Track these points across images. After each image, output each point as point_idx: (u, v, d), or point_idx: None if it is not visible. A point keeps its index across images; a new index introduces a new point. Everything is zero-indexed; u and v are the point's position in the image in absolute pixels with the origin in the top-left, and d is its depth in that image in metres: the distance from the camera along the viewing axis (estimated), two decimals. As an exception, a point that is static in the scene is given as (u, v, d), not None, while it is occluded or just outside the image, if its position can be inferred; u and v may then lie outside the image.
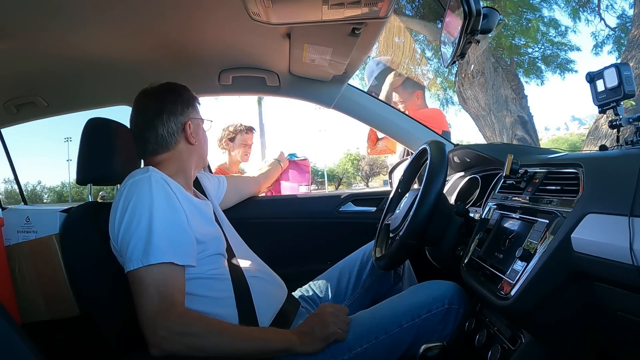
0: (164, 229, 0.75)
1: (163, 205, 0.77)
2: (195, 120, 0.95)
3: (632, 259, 0.48)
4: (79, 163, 0.96)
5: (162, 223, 0.75)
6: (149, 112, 0.91)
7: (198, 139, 0.95)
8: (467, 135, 36.88)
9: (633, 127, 0.76)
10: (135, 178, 0.80)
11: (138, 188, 0.78)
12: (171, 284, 0.73)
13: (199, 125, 0.97)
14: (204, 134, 0.99)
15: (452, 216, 0.97)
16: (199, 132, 0.96)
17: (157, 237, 0.73)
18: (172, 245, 0.75)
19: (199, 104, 0.99)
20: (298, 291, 1.10)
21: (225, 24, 1.05)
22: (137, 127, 0.92)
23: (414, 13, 5.47)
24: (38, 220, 0.97)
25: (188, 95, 0.96)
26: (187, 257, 0.77)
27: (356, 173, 29.80)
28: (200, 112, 0.99)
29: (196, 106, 0.97)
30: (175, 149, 0.91)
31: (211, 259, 0.85)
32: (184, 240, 0.78)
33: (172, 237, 0.75)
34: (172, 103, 0.92)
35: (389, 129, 1.58)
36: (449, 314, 0.87)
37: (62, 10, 0.90)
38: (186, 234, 0.79)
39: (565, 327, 0.62)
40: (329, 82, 1.42)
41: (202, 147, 0.98)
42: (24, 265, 0.98)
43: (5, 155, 1.48)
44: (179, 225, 0.78)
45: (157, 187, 0.78)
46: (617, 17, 6.08)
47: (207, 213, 0.92)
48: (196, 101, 0.98)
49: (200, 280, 0.82)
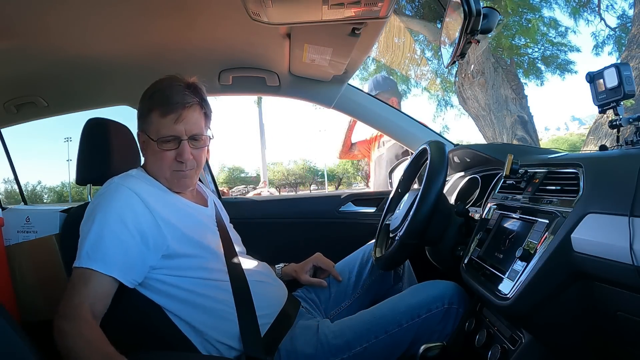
0: (102, 238, 0.75)
1: (112, 217, 0.76)
2: (143, 133, 0.85)
3: (632, 259, 0.48)
4: (79, 163, 0.96)
5: (102, 233, 0.75)
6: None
7: (145, 154, 0.87)
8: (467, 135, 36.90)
9: (633, 127, 0.76)
10: (106, 187, 0.81)
11: (102, 196, 0.79)
12: (93, 291, 0.72)
13: (147, 140, 0.84)
14: (152, 152, 0.84)
15: (452, 216, 0.97)
16: (147, 148, 0.85)
17: (90, 244, 0.74)
18: (104, 255, 0.74)
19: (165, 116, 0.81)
20: (299, 291, 1.10)
21: (225, 24, 1.05)
22: None
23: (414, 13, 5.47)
24: (38, 220, 0.97)
25: (145, 102, 0.84)
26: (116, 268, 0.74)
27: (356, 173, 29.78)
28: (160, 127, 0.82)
29: (153, 117, 0.82)
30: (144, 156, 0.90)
31: (206, 264, 0.84)
32: (120, 253, 0.75)
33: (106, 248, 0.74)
34: (138, 109, 0.88)
35: (389, 129, 1.58)
36: (448, 313, 0.87)
37: (62, 10, 0.90)
38: (127, 247, 0.76)
39: (565, 327, 0.62)
40: (329, 82, 1.42)
41: (151, 164, 0.86)
42: (24, 265, 0.98)
43: (5, 155, 1.48)
44: (120, 238, 0.75)
45: (116, 199, 0.78)
46: (617, 17, 6.09)
47: (199, 218, 0.90)
48: (155, 111, 0.82)
49: (197, 286, 0.82)
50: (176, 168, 0.84)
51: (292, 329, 0.88)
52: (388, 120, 1.55)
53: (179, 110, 0.82)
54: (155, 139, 0.82)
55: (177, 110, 0.81)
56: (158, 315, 0.80)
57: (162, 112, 0.82)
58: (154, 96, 0.83)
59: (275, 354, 0.83)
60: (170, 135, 0.82)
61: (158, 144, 0.82)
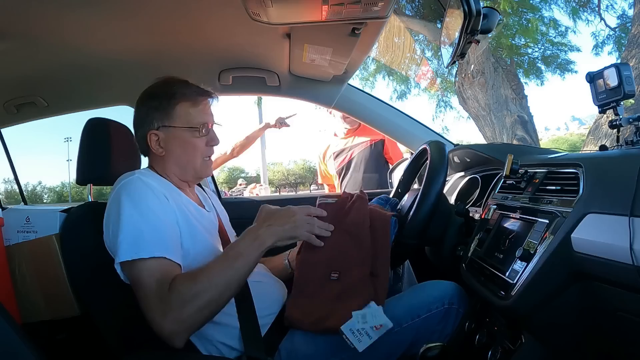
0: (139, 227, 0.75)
1: (146, 202, 0.78)
2: (167, 128, 0.86)
3: (632, 259, 0.48)
4: (79, 163, 0.96)
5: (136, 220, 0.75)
6: (134, 115, 0.92)
7: (171, 147, 0.87)
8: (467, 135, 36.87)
9: (633, 127, 0.76)
10: (122, 182, 0.81)
11: (123, 189, 0.79)
12: (162, 271, 0.73)
13: (177, 132, 0.87)
14: (183, 143, 0.87)
15: (452, 216, 0.97)
16: (175, 140, 0.87)
17: (129, 235, 0.74)
18: (160, 240, 0.75)
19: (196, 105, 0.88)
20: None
21: (225, 24, 1.05)
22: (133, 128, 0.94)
23: (414, 13, 5.47)
24: (38, 220, 0.97)
25: (164, 100, 0.87)
26: (172, 251, 0.76)
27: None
28: (190, 117, 0.87)
29: (178, 110, 0.87)
30: (150, 155, 0.91)
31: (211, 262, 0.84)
32: (169, 234, 0.78)
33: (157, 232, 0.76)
34: (140, 111, 0.89)
35: (389, 129, 1.58)
36: (448, 314, 0.87)
37: (62, 10, 0.90)
38: (169, 227, 0.78)
39: (565, 328, 0.62)
40: (329, 82, 1.42)
41: (179, 156, 0.88)
42: (24, 265, 0.98)
43: (5, 155, 1.48)
44: (161, 220, 0.78)
45: (139, 187, 0.79)
46: (617, 17, 6.09)
47: (202, 219, 0.90)
48: (180, 103, 0.87)
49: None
50: (206, 154, 0.91)
51: (292, 329, 0.88)
52: (388, 120, 1.55)
53: (206, 99, 0.91)
54: (187, 128, 0.87)
55: (205, 99, 0.90)
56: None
57: (193, 102, 0.88)
58: (176, 91, 0.88)
59: (275, 354, 0.83)
60: (203, 123, 0.88)
61: (191, 133, 0.87)
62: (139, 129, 0.90)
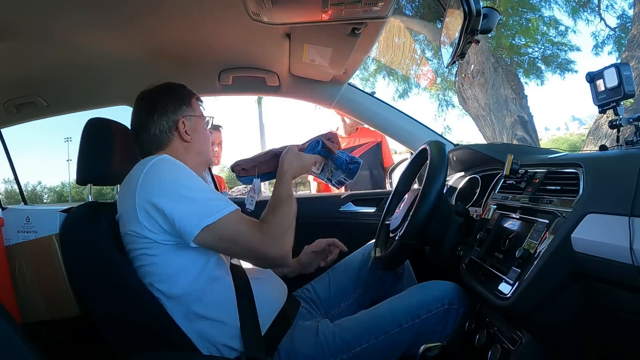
0: (205, 189, 0.82)
1: (192, 172, 0.84)
2: (191, 117, 0.94)
3: (632, 259, 0.48)
4: (79, 163, 0.96)
5: (200, 185, 0.82)
6: (142, 114, 0.92)
7: (195, 136, 0.94)
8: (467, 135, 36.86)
9: (633, 127, 0.76)
10: (152, 161, 0.82)
11: (162, 166, 0.82)
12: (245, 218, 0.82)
13: (197, 122, 0.96)
14: (203, 132, 0.97)
15: (452, 216, 0.97)
16: (197, 129, 0.95)
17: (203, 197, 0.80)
18: (219, 198, 0.83)
19: (200, 101, 1.00)
20: (298, 291, 1.10)
21: (225, 24, 1.05)
22: (134, 129, 0.94)
23: (414, 13, 5.48)
24: (38, 220, 0.97)
25: (183, 94, 0.96)
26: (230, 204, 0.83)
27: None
28: (201, 110, 0.99)
29: (194, 104, 0.97)
30: (169, 147, 0.92)
31: (213, 262, 0.85)
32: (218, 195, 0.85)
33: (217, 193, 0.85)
34: (164, 102, 0.92)
35: (389, 129, 1.58)
36: (448, 314, 0.87)
37: (62, 10, 0.90)
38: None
39: (566, 328, 0.62)
40: (329, 82, 1.42)
41: (201, 144, 0.96)
42: (24, 265, 0.98)
43: (5, 155, 1.48)
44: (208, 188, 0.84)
45: (177, 162, 0.84)
46: (617, 17, 6.07)
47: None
48: (194, 98, 0.98)
49: (203, 283, 0.82)
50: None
51: (292, 329, 0.88)
52: (388, 120, 1.55)
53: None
54: (204, 118, 0.98)
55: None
56: (160, 315, 0.80)
57: (197, 99, 1.00)
58: (185, 88, 0.99)
59: (275, 355, 0.84)
60: (208, 117, 1.00)
61: (206, 124, 0.99)
62: (163, 118, 0.91)
